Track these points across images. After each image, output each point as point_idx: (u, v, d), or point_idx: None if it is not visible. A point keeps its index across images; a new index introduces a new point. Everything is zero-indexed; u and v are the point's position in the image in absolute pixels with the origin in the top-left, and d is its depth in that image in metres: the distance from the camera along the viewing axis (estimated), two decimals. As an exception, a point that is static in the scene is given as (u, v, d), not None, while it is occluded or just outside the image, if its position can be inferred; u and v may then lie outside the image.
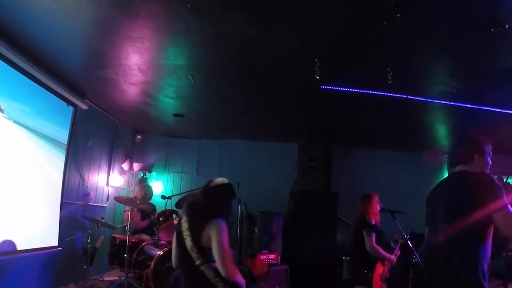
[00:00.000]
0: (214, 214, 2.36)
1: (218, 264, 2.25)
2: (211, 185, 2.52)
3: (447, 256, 2.15)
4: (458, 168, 2.35)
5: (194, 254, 2.29)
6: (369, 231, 3.83)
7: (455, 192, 2.26)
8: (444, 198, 2.30)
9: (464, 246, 2.09)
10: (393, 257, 3.95)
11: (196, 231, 2.31)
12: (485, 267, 2.05)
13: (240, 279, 2.33)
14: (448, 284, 2.12)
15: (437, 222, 2.26)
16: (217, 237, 2.25)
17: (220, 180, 2.54)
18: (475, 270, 2.03)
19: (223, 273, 2.24)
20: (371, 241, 3.79)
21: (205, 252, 2.29)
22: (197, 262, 2.28)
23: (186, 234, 2.36)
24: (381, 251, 3.85)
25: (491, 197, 2.03)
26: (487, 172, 2.30)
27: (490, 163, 2.34)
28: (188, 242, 2.32)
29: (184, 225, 2.40)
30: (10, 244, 3.51)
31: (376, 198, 4.15)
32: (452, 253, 2.13)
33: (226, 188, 2.53)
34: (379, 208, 4.12)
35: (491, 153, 2.34)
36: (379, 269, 3.83)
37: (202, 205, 2.44)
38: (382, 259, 3.87)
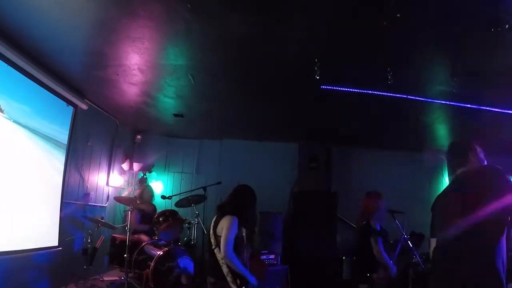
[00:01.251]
0: (230, 211, 2.99)
1: (221, 247, 2.85)
2: (236, 187, 3.24)
3: (461, 256, 2.13)
4: (459, 171, 2.39)
5: (212, 240, 2.97)
6: (376, 238, 3.83)
7: (465, 187, 2.28)
8: (453, 197, 2.30)
9: (480, 243, 2.07)
10: (394, 268, 3.87)
11: (216, 222, 3.01)
12: (502, 265, 2.04)
13: (240, 267, 2.83)
14: (463, 283, 2.10)
15: (447, 220, 2.25)
16: (225, 228, 2.88)
17: (243, 184, 3.28)
18: (493, 268, 2.02)
19: (222, 254, 2.83)
20: (378, 248, 3.80)
21: (218, 239, 2.92)
22: (213, 246, 2.93)
23: (212, 226, 3.04)
24: (387, 259, 3.83)
25: (504, 185, 2.06)
26: None
27: (485, 160, 2.40)
28: (211, 230, 3.01)
29: (213, 220, 3.09)
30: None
31: (379, 197, 4.11)
32: (467, 251, 2.10)
33: (247, 189, 3.25)
34: (381, 208, 4.09)
35: (482, 150, 2.41)
36: (381, 273, 3.82)
37: (225, 204, 3.11)
38: (385, 266, 3.85)
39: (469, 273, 2.09)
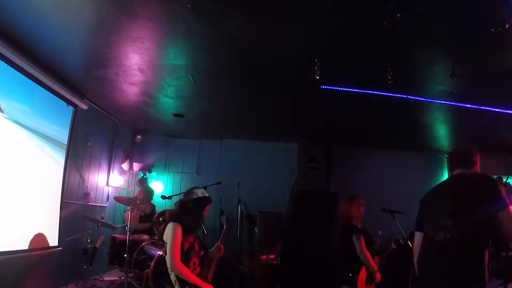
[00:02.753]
0: (173, 217, 2.90)
1: (167, 257, 2.77)
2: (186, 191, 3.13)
3: (453, 256, 2.16)
4: (457, 171, 2.43)
5: (164, 248, 2.87)
6: (358, 236, 3.81)
7: (460, 191, 2.30)
8: (448, 198, 2.32)
9: (468, 245, 2.11)
10: (378, 274, 3.81)
11: (163, 230, 2.94)
12: (486, 268, 2.07)
13: (189, 276, 2.75)
14: (453, 285, 2.13)
15: (439, 221, 2.27)
16: (169, 237, 2.79)
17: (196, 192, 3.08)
18: (482, 271, 2.05)
19: (168, 265, 2.75)
20: (361, 246, 3.77)
21: (165, 246, 2.84)
22: (164, 254, 2.87)
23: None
24: (370, 259, 3.80)
25: (496, 195, 2.08)
26: None
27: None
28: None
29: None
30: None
31: (359, 201, 4.10)
32: (456, 252, 2.13)
33: (192, 194, 3.06)
34: (362, 211, 4.07)
35: None
36: (363, 274, 3.80)
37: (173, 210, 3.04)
38: (368, 265, 3.83)
39: (449, 273, 2.13)
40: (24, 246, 3.76)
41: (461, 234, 2.13)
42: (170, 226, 2.85)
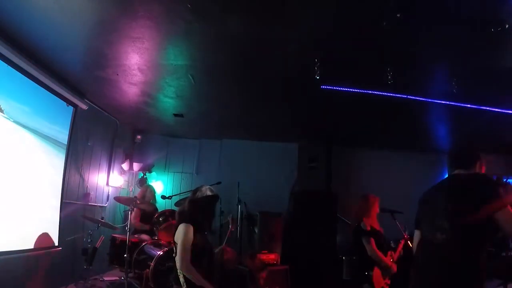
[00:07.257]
0: (186, 218, 2.87)
1: (177, 258, 2.75)
2: (194, 190, 3.04)
3: (447, 257, 2.16)
4: (457, 171, 2.42)
5: (174, 248, 2.85)
6: (367, 238, 3.85)
7: (456, 192, 2.30)
8: (444, 198, 2.32)
9: (465, 247, 2.11)
10: (394, 266, 3.94)
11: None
12: (484, 270, 2.07)
13: (197, 278, 2.71)
14: (446, 285, 2.13)
15: (436, 222, 2.27)
16: (180, 238, 2.78)
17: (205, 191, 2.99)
18: (476, 271, 2.05)
19: (178, 265, 2.74)
20: (372, 248, 3.82)
21: (177, 247, 2.82)
22: (174, 254, 2.83)
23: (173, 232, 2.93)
24: (383, 257, 3.86)
25: (493, 195, 2.07)
26: None
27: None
28: (173, 237, 2.90)
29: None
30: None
31: (371, 198, 4.11)
32: (453, 253, 2.14)
33: (202, 193, 2.98)
34: (377, 211, 4.10)
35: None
36: (378, 271, 3.83)
37: (183, 210, 2.98)
38: (380, 263, 3.86)
39: (446, 274, 2.13)
40: (24, 246, 3.75)
41: (458, 235, 2.13)
42: (181, 227, 2.81)
